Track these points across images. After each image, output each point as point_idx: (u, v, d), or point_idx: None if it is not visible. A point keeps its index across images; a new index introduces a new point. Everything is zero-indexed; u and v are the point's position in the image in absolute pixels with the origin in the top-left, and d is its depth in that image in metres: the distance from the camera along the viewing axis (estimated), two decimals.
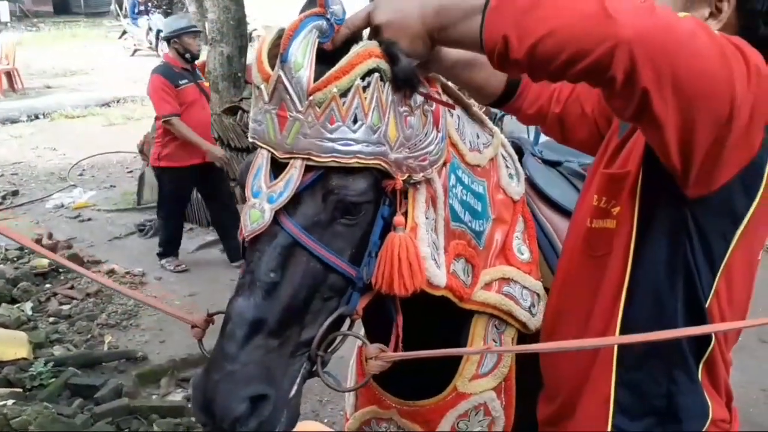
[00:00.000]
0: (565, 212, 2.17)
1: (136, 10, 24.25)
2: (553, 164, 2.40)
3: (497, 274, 1.98)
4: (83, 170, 10.47)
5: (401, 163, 1.55)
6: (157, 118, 6.72)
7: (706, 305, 1.56)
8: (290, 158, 1.47)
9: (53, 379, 4.74)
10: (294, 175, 1.46)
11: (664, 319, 1.56)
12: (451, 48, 1.60)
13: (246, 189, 1.52)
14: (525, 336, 2.03)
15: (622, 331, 1.61)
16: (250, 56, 9.45)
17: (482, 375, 2.00)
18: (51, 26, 31.46)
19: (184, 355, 5.16)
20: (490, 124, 2.05)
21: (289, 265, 1.48)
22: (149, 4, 25.44)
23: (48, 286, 6.46)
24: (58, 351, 5.26)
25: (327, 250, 1.50)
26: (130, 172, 10.35)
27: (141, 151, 8.83)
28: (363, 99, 1.44)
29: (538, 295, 2.04)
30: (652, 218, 1.56)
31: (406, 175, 1.57)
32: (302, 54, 1.42)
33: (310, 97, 1.42)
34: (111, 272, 6.74)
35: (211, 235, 7.77)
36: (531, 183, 2.23)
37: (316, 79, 1.43)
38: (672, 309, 1.56)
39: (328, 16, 1.47)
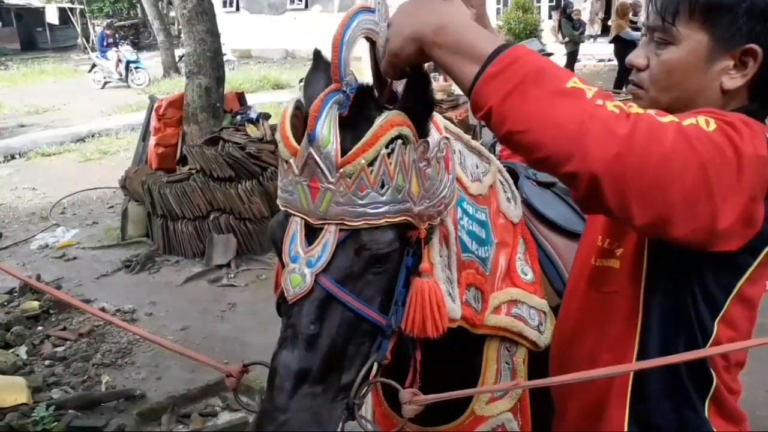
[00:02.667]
0: (562, 231, 2.28)
1: (105, 43, 24.16)
2: (547, 185, 2.47)
3: (505, 297, 2.05)
4: (64, 208, 10.39)
5: (423, 214, 1.63)
6: None
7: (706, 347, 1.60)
8: (324, 224, 1.54)
9: (55, 423, 4.73)
10: (330, 239, 1.53)
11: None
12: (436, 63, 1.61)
13: (283, 254, 1.59)
14: (535, 354, 2.09)
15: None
16: (228, 86, 9.55)
17: (498, 397, 2.09)
18: (19, 63, 31.33)
19: (183, 391, 5.15)
20: (486, 152, 2.14)
21: (327, 317, 1.55)
22: (116, 36, 25.38)
23: (40, 328, 6.41)
24: (56, 394, 5.23)
25: (360, 302, 1.58)
26: (111, 207, 10.30)
27: (123, 187, 8.79)
28: (388, 165, 1.52)
29: (544, 313, 2.12)
30: (655, 264, 1.61)
31: (427, 223, 1.65)
32: (328, 131, 1.49)
33: (341, 170, 1.49)
34: (101, 311, 6.69)
35: (199, 266, 7.77)
36: (528, 205, 2.31)
37: (342, 150, 1.50)
38: (675, 352, 1.60)
39: (344, 89, 1.55)
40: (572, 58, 18.76)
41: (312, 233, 1.56)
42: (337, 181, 1.50)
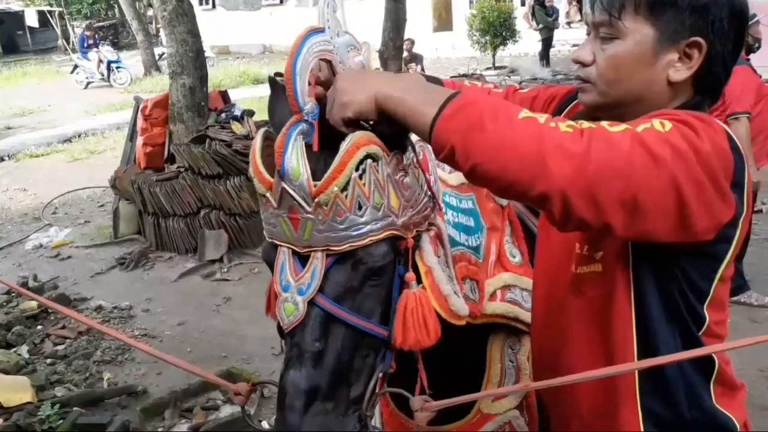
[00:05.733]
0: None
1: (86, 44, 23.90)
2: None
3: (499, 283, 2.05)
4: (56, 208, 10.32)
5: (408, 224, 1.61)
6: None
7: (700, 333, 1.62)
8: (311, 251, 1.52)
9: (61, 421, 4.69)
10: (317, 266, 1.52)
11: (670, 350, 1.61)
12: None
13: (275, 284, 1.57)
14: None
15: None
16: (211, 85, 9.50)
17: (504, 395, 2.07)
18: (1, 66, 30.86)
19: (184, 386, 5.12)
20: None
21: (330, 334, 1.54)
22: (96, 36, 25.13)
23: (40, 327, 6.36)
24: (60, 392, 5.19)
25: (359, 317, 1.56)
26: (102, 206, 10.24)
27: (113, 186, 8.73)
28: (362, 186, 1.49)
29: None
30: (639, 263, 1.61)
31: (414, 231, 1.64)
32: (297, 162, 1.47)
33: (316, 199, 1.47)
34: (99, 309, 6.68)
35: (192, 262, 7.74)
36: None
37: (315, 176, 1.48)
38: (672, 343, 1.62)
39: (306, 118, 1.52)
40: (546, 44, 18.71)
41: (301, 257, 1.54)
42: (314, 210, 1.48)
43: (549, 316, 1.87)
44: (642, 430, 1.66)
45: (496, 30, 18.91)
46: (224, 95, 9.70)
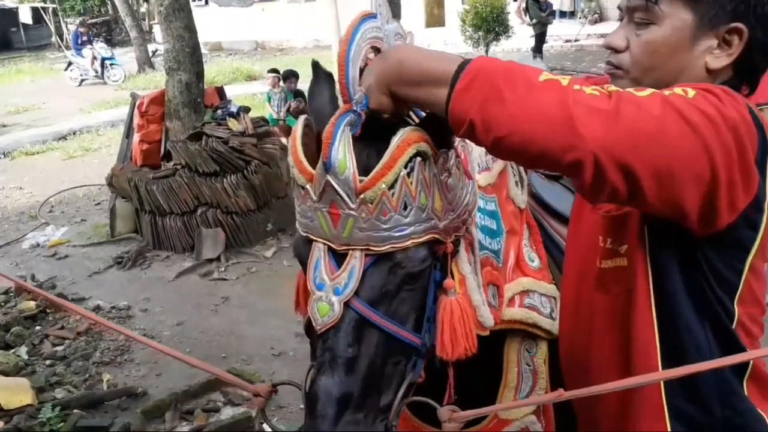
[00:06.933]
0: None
1: (79, 41, 23.74)
2: (555, 178, 2.42)
3: (517, 288, 2.00)
4: (52, 207, 10.21)
5: (449, 228, 1.56)
6: None
7: (733, 326, 1.55)
8: (348, 249, 1.46)
9: (62, 424, 4.65)
10: (356, 265, 1.46)
11: (699, 348, 1.55)
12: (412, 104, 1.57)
13: (308, 281, 1.51)
14: (552, 353, 2.04)
15: (664, 364, 1.59)
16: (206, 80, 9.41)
17: (521, 400, 2.02)
18: None
19: (184, 387, 5.07)
20: None
21: (364, 339, 1.48)
22: (90, 33, 24.98)
23: (38, 328, 6.29)
24: (60, 394, 5.14)
25: (395, 324, 1.51)
26: (98, 204, 10.12)
27: (110, 184, 8.64)
28: (409, 185, 1.44)
29: (554, 299, 2.05)
30: (662, 255, 1.55)
31: (453, 236, 1.58)
32: (343, 155, 1.41)
33: (361, 196, 1.41)
34: (97, 309, 6.61)
35: (189, 261, 7.66)
36: (538, 199, 2.25)
37: (360, 170, 1.42)
38: (703, 337, 1.56)
39: (355, 108, 1.46)
40: (540, 39, 18.60)
41: (337, 255, 1.49)
42: (358, 207, 1.42)
43: (578, 313, 1.83)
44: (669, 430, 1.61)
45: (489, 25, 18.82)
46: (220, 91, 9.63)
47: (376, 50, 1.54)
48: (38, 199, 10.55)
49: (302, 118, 1.58)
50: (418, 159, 1.44)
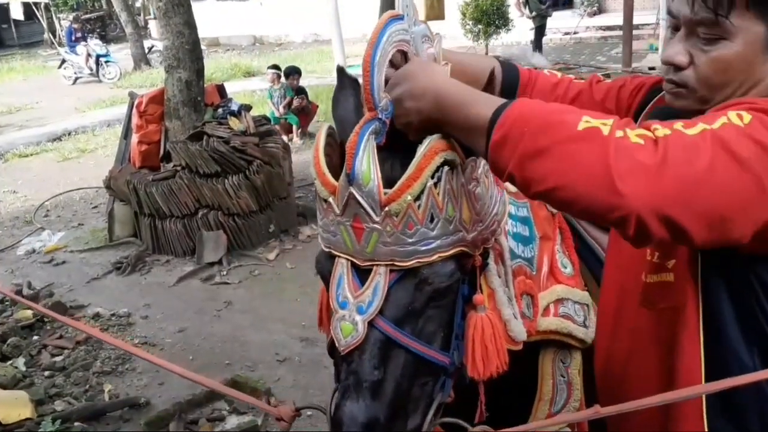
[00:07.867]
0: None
1: (73, 38, 23.65)
2: None
3: (552, 297, 1.95)
4: (48, 211, 10.12)
5: (477, 240, 1.52)
6: None
7: None
8: (373, 265, 1.41)
9: None
10: (380, 282, 1.41)
11: (746, 371, 1.48)
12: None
13: (330, 299, 1.46)
14: (587, 359, 1.99)
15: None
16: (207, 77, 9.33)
17: (555, 413, 1.99)
18: None
19: (188, 396, 5.01)
20: None
21: (390, 360, 1.43)
22: (84, 29, 24.90)
23: (36, 338, 6.22)
24: (59, 406, 5.08)
25: (422, 344, 1.46)
26: (95, 207, 10.05)
27: (108, 187, 8.56)
28: (436, 196, 1.39)
29: (587, 306, 2.02)
30: (712, 274, 1.49)
31: (482, 248, 1.53)
32: (367, 166, 1.37)
33: (386, 208, 1.36)
34: (96, 316, 6.55)
35: (190, 265, 7.60)
36: None
37: (385, 183, 1.37)
38: (750, 362, 1.49)
39: (380, 116, 1.41)
40: (540, 33, 18.58)
41: (360, 272, 1.43)
42: (382, 221, 1.37)
43: (618, 326, 1.77)
44: None
45: (490, 18, 18.77)
46: (221, 89, 9.54)
47: (402, 53, 1.50)
48: (33, 203, 10.47)
49: (325, 126, 1.54)
50: (446, 168, 1.40)
